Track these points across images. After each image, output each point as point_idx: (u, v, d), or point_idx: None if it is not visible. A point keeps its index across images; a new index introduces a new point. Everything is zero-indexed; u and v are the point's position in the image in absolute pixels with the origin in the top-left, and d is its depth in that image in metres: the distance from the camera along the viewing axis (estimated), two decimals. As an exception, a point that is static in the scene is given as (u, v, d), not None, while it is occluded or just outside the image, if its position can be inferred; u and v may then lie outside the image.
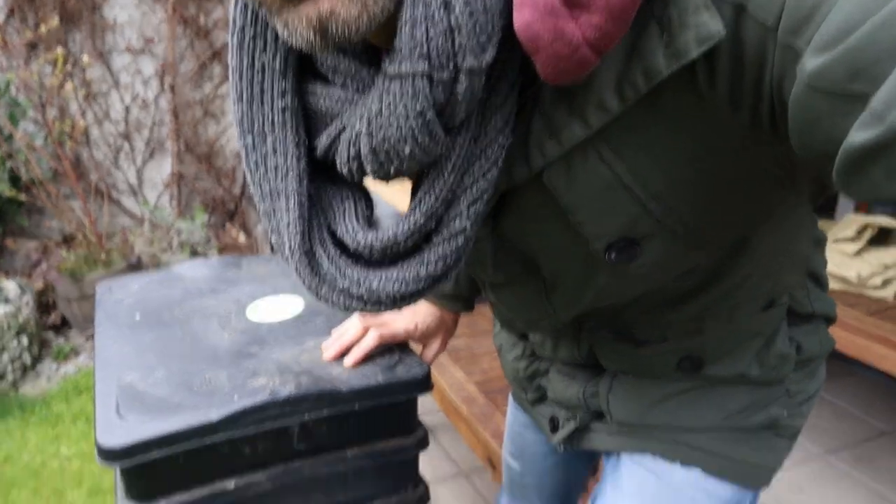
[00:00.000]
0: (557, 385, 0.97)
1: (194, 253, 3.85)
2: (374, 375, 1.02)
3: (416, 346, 1.14)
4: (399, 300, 0.59)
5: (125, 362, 1.06)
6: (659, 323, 0.79)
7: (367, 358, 1.05)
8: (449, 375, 2.23)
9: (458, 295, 1.13)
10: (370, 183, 0.62)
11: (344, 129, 0.55)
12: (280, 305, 1.24)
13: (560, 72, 0.47)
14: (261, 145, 0.58)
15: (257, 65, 0.56)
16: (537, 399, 1.06)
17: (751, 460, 0.84)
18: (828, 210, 3.01)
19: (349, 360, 1.03)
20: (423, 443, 1.12)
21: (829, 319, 0.89)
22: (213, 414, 0.92)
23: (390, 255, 0.58)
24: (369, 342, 1.04)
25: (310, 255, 0.59)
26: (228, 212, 4.41)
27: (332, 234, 0.60)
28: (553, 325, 0.82)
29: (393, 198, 1.34)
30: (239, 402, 0.93)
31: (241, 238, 4.15)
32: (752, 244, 0.71)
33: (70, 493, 2.29)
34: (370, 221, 0.60)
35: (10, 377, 3.05)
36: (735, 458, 0.84)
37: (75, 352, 3.40)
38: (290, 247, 0.59)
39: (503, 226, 0.69)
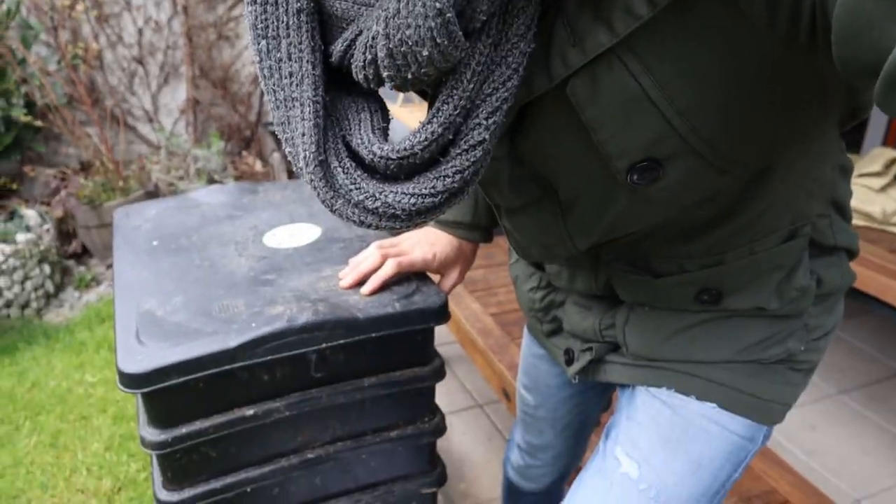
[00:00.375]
0: (573, 317, 0.96)
1: (211, 181, 3.84)
2: (392, 304, 1.01)
3: (433, 277, 1.13)
4: (415, 215, 0.56)
5: (144, 288, 1.06)
6: (678, 255, 0.77)
7: (384, 287, 1.04)
8: (465, 307, 2.23)
9: (477, 224, 1.11)
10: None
11: (360, 33, 0.52)
12: (297, 232, 1.23)
13: None
14: (275, 50, 0.55)
15: None
16: (552, 331, 1.05)
17: (766, 395, 0.83)
18: (854, 143, 2.94)
19: (366, 289, 1.02)
20: (440, 373, 1.12)
21: (852, 253, 0.86)
22: (232, 340, 0.92)
23: (406, 168, 0.55)
24: (387, 271, 1.03)
25: (324, 167, 0.56)
26: (245, 139, 4.37)
27: (347, 146, 0.57)
28: (569, 252, 0.79)
29: (407, 118, 1.31)
30: (256, 329, 0.93)
31: (258, 166, 4.13)
32: (777, 171, 0.68)
33: (95, 418, 2.35)
34: (386, 134, 0.58)
35: (33, 305, 3.09)
36: (750, 393, 0.82)
37: (96, 280, 3.44)
38: (304, 157, 0.56)
39: (521, 144, 0.67)
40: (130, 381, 0.89)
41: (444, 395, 2.61)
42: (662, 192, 0.63)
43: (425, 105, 0.58)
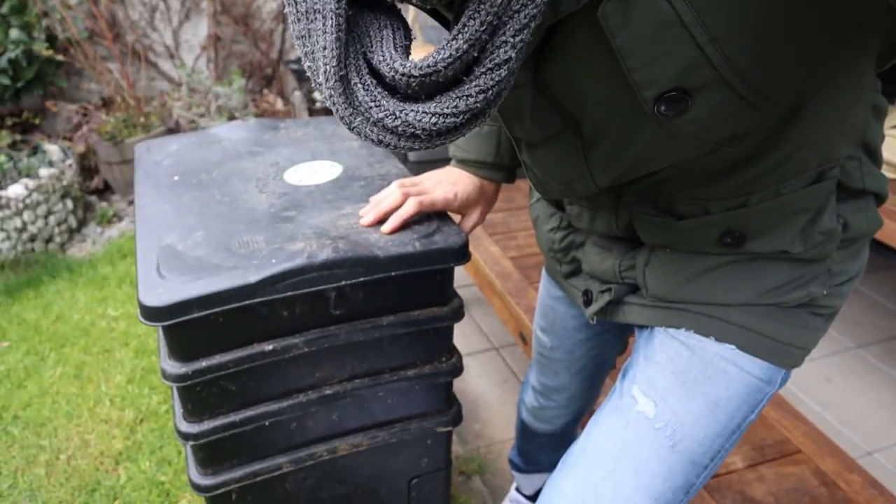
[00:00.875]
0: (593, 258, 0.95)
1: (232, 118, 3.83)
2: (412, 243, 1.01)
3: (454, 217, 1.13)
4: (435, 135, 0.55)
5: (165, 223, 1.06)
6: (701, 196, 0.75)
7: (405, 226, 1.04)
8: (484, 249, 2.23)
9: (500, 164, 1.10)
10: None
11: None
12: (318, 170, 1.22)
13: None
14: None
15: None
16: (571, 272, 1.05)
17: (785, 338, 0.82)
18: (888, 93, 2.85)
19: (387, 227, 1.02)
20: (458, 314, 1.12)
21: (880, 197, 0.83)
22: (252, 276, 0.92)
23: (428, 87, 0.53)
24: (408, 209, 1.03)
25: (345, 82, 0.54)
26: (266, 77, 4.34)
27: (368, 64, 0.55)
28: (588, 189, 0.78)
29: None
30: (276, 265, 0.93)
31: (279, 104, 4.10)
32: (809, 110, 0.66)
33: (118, 351, 2.39)
34: (408, 52, 0.55)
35: (57, 239, 3.13)
36: (770, 336, 0.82)
37: (118, 216, 3.47)
38: (324, 71, 0.54)
39: (546, 70, 0.65)
40: (151, 313, 0.90)
41: (461, 336, 2.62)
42: (690, 125, 0.61)
43: (428, 48, 0.56)
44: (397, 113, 0.54)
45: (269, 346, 1.00)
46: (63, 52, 3.55)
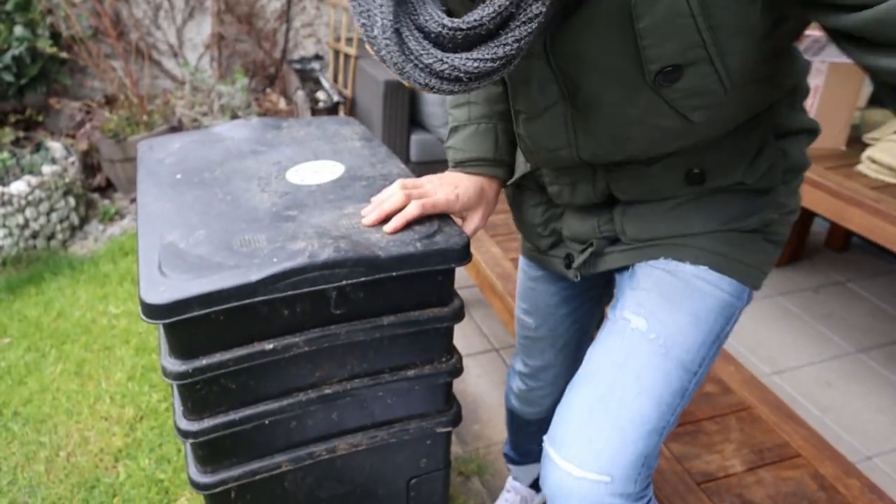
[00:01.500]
0: (573, 223, 1.08)
1: (234, 117, 3.83)
2: (413, 243, 1.01)
3: (456, 221, 1.13)
4: (475, 78, 0.66)
5: (167, 221, 1.06)
6: (665, 153, 0.90)
7: (406, 226, 1.04)
8: (485, 251, 2.23)
9: (500, 160, 1.12)
10: None
11: None
12: (320, 169, 1.23)
13: None
14: None
15: None
16: (552, 244, 1.16)
17: (747, 259, 0.96)
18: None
19: (389, 227, 1.02)
20: (459, 314, 1.12)
21: (813, 132, 0.99)
22: (253, 275, 0.92)
23: (471, 39, 0.65)
24: (412, 211, 1.03)
25: (398, 34, 0.64)
26: (269, 76, 4.34)
27: (413, 21, 0.66)
28: (571, 157, 0.92)
29: None
30: (278, 265, 0.93)
31: (282, 104, 4.11)
32: (761, 82, 0.84)
33: (118, 349, 2.40)
34: (446, 13, 0.66)
35: (59, 237, 3.13)
36: (735, 258, 0.95)
37: (120, 214, 3.47)
38: (381, 24, 0.64)
39: (561, 43, 0.77)
40: (152, 311, 0.90)
41: (461, 337, 2.63)
42: (676, 93, 0.76)
43: None
44: (444, 59, 0.65)
45: (269, 345, 1.00)
46: (67, 49, 3.56)
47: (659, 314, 0.94)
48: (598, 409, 0.92)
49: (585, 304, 1.30)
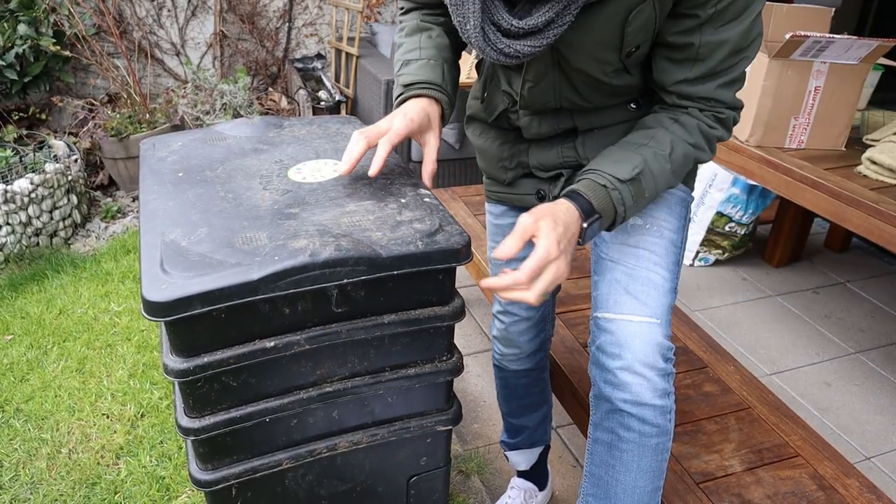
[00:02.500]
0: (537, 153, 1.30)
1: (237, 116, 3.84)
2: (415, 242, 1.01)
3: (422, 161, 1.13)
4: (527, 55, 1.03)
5: (169, 219, 1.07)
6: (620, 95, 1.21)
7: (407, 226, 1.05)
8: (485, 250, 2.23)
9: (444, 89, 1.23)
10: None
11: None
12: (322, 168, 1.23)
13: None
14: None
15: None
16: (517, 177, 1.36)
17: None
18: (892, 101, 2.86)
19: (373, 170, 1.11)
20: (460, 313, 1.13)
21: None
22: (254, 273, 0.93)
23: (528, 32, 1.00)
24: (383, 148, 1.11)
25: (483, 29, 1.00)
26: (271, 75, 4.35)
27: (490, 18, 1.01)
28: (554, 106, 1.22)
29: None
30: (279, 263, 0.94)
31: (284, 102, 4.11)
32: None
33: (120, 346, 2.40)
34: (512, 14, 1.01)
35: (61, 234, 3.14)
36: None
37: (122, 212, 3.48)
38: (472, 23, 1.00)
39: (568, 34, 1.04)
40: (154, 309, 0.91)
41: (462, 336, 2.63)
42: (632, 61, 1.11)
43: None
44: (510, 44, 1.01)
45: (270, 343, 1.01)
46: (70, 47, 3.57)
47: (645, 212, 1.24)
48: (633, 278, 1.19)
49: None
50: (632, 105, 1.22)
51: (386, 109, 3.48)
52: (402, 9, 1.36)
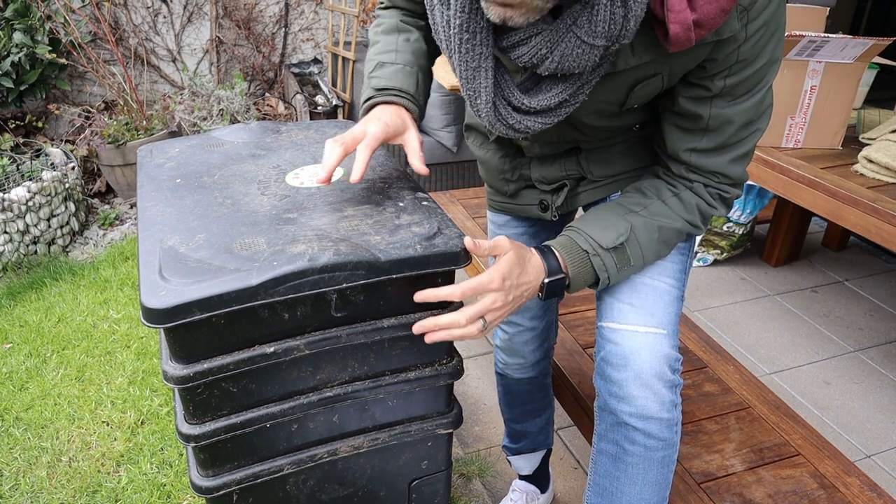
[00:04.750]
0: (539, 168, 1.29)
1: (234, 121, 3.84)
2: (413, 246, 1.01)
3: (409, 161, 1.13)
4: (536, 131, 1.02)
5: (167, 225, 1.07)
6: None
7: (406, 227, 1.05)
8: (485, 254, 2.23)
9: (416, 100, 1.19)
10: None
11: (545, 54, 0.91)
12: (319, 173, 1.23)
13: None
14: (470, 41, 0.93)
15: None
16: (519, 189, 1.35)
17: None
18: (889, 99, 2.86)
19: (355, 177, 1.05)
20: (459, 316, 1.12)
21: None
22: (253, 278, 0.93)
23: (538, 110, 0.99)
24: (363, 154, 1.06)
25: (494, 105, 0.99)
26: (268, 80, 4.35)
27: (501, 94, 0.99)
28: (558, 141, 1.23)
29: (436, 73, 1.33)
30: (278, 268, 0.94)
31: (281, 108, 4.12)
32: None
33: (119, 353, 2.40)
34: (524, 93, 1.00)
35: (59, 242, 3.14)
36: None
37: (120, 219, 3.48)
38: (485, 98, 0.98)
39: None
40: (153, 316, 0.90)
41: (462, 340, 2.63)
42: (634, 112, 1.13)
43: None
44: (521, 120, 1.01)
45: (270, 349, 1.01)
46: (66, 55, 3.57)
47: None
48: (639, 287, 1.16)
49: (551, 237, 1.43)
50: (636, 126, 1.21)
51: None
52: (381, 3, 1.31)
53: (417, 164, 1.11)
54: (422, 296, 1.02)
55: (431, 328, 1.01)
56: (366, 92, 1.20)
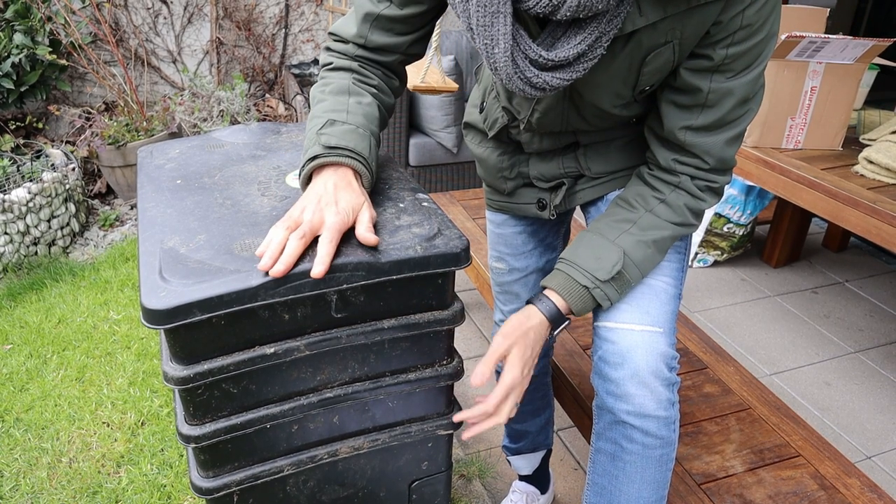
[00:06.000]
0: (538, 165, 1.29)
1: (234, 122, 3.84)
2: (413, 247, 1.01)
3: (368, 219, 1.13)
4: (555, 88, 0.97)
5: (167, 226, 1.07)
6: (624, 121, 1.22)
7: (406, 228, 1.05)
8: (485, 254, 2.24)
9: (369, 165, 1.06)
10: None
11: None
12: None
13: None
14: None
15: None
16: (517, 186, 1.36)
17: None
18: (890, 100, 2.87)
19: (318, 272, 0.93)
20: (459, 317, 1.13)
21: None
22: (253, 279, 0.93)
23: (557, 64, 0.95)
24: (327, 251, 0.95)
25: (512, 56, 0.92)
26: (268, 81, 4.35)
27: (523, 50, 0.94)
28: (560, 131, 1.21)
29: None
30: (278, 269, 0.93)
31: (281, 108, 4.12)
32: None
33: (120, 354, 2.40)
34: (541, 45, 0.95)
35: (59, 243, 3.14)
36: None
37: (120, 220, 3.48)
38: (503, 47, 0.91)
39: (591, 72, 1.03)
40: (153, 317, 0.90)
41: (462, 340, 2.63)
42: (641, 96, 1.11)
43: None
44: (539, 75, 0.95)
45: (270, 349, 1.01)
46: (66, 56, 3.57)
47: None
48: (634, 288, 1.15)
49: (549, 235, 1.48)
50: (633, 119, 1.21)
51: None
52: (328, 64, 1.18)
53: (364, 233, 0.99)
54: (461, 416, 1.12)
55: (474, 421, 1.09)
56: (312, 149, 1.04)
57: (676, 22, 0.97)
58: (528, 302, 1.14)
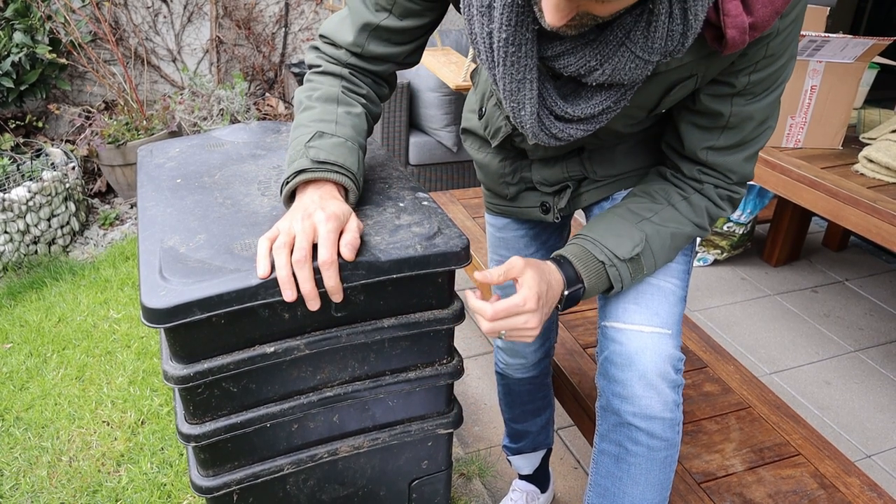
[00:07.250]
0: (541, 170, 1.28)
1: (234, 121, 3.84)
2: (414, 246, 1.01)
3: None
4: (578, 139, 1.03)
5: (167, 225, 1.07)
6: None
7: (406, 227, 1.05)
8: (485, 252, 2.24)
9: (356, 181, 1.04)
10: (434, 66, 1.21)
11: (594, 66, 0.90)
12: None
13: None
14: (515, 53, 0.90)
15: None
16: (519, 191, 1.35)
17: None
18: (890, 99, 2.86)
19: (312, 302, 0.94)
20: (460, 316, 1.13)
21: None
22: (253, 278, 0.93)
23: (580, 119, 0.99)
24: (333, 277, 0.94)
25: (539, 116, 0.98)
26: (268, 80, 4.35)
27: (543, 103, 0.98)
28: (571, 144, 1.20)
29: (440, 72, 1.33)
30: (278, 268, 0.93)
31: (281, 107, 4.12)
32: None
33: (120, 353, 2.40)
34: (565, 100, 0.99)
35: (60, 242, 3.14)
36: None
37: (120, 219, 3.48)
38: (529, 110, 0.96)
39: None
40: (154, 315, 0.90)
41: (462, 339, 2.63)
42: (655, 116, 1.14)
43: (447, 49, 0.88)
44: (563, 129, 1.00)
45: (270, 348, 1.01)
46: (66, 55, 3.57)
47: None
48: (643, 288, 1.15)
49: (552, 238, 1.48)
50: (638, 127, 1.21)
51: (383, 113, 3.48)
52: (316, 67, 1.15)
53: (347, 252, 0.94)
54: (472, 295, 1.01)
55: (470, 302, 1.01)
56: (299, 161, 1.01)
57: (702, 61, 0.97)
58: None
